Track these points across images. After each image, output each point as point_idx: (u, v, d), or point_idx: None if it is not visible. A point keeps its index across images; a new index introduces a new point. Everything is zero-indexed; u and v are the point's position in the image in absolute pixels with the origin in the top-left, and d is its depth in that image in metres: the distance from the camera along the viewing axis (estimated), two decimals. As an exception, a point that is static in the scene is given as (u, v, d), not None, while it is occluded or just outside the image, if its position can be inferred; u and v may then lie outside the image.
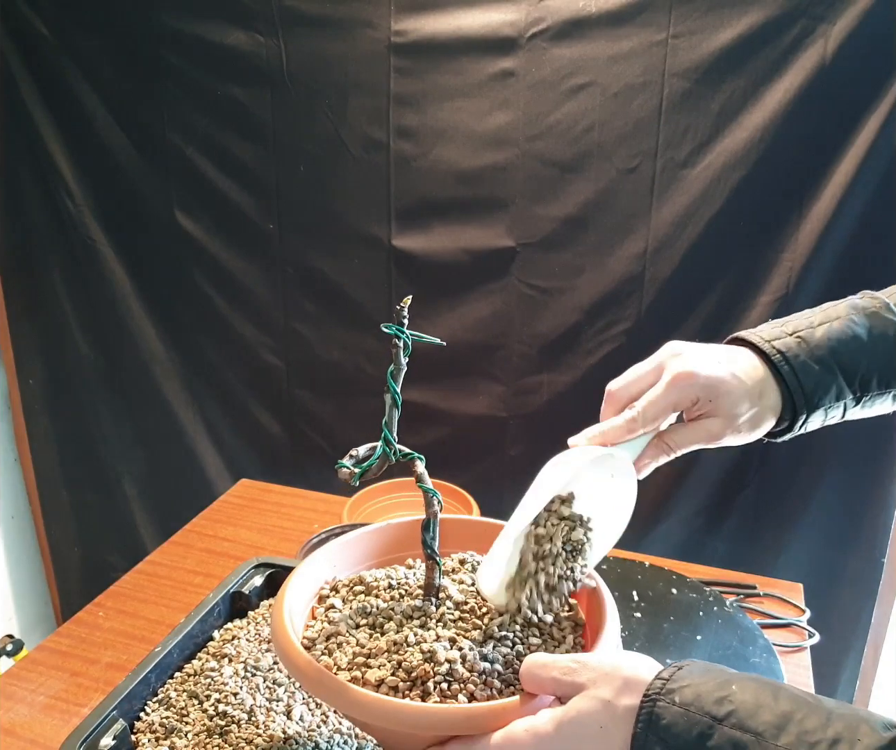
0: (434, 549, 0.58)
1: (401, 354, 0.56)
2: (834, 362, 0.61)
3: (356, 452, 0.56)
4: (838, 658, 1.46)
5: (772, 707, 0.41)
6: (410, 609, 0.57)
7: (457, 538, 0.68)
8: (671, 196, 1.37)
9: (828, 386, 0.61)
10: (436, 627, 0.55)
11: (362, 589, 0.61)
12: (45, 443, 1.84)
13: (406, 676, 0.50)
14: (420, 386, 1.59)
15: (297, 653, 0.51)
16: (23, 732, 0.83)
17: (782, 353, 0.61)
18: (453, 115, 1.43)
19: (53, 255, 1.71)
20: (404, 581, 0.62)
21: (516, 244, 1.47)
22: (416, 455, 0.58)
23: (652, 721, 0.42)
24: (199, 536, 1.25)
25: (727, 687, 0.43)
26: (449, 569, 0.64)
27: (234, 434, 1.78)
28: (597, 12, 1.31)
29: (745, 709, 0.41)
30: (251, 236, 1.62)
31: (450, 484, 1.30)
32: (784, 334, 0.62)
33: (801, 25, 1.25)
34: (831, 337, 0.62)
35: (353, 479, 0.55)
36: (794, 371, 0.60)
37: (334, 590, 0.63)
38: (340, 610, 0.59)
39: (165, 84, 1.57)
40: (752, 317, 1.38)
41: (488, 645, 0.52)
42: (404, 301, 0.56)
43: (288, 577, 0.60)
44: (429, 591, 0.59)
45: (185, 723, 0.66)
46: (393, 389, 0.56)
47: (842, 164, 1.28)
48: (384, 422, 0.56)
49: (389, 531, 0.68)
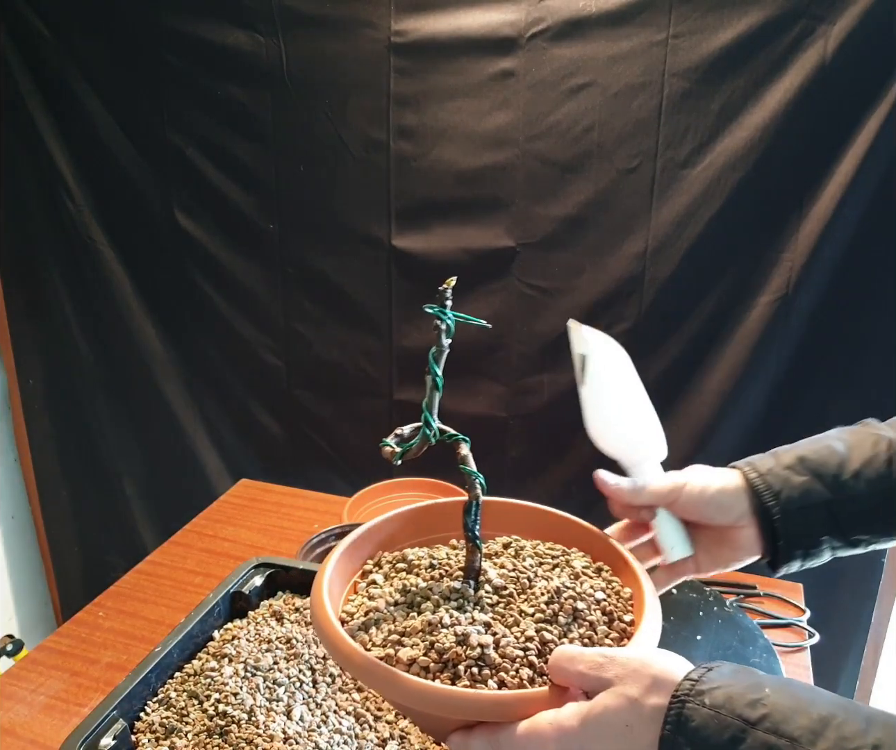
0: (475, 532, 0.58)
1: (443, 336, 0.55)
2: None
3: (401, 430, 0.57)
4: (838, 658, 1.46)
5: (808, 711, 0.40)
6: (449, 590, 0.57)
7: (502, 522, 0.67)
8: (671, 196, 1.37)
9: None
10: (472, 611, 0.54)
11: (404, 566, 0.61)
12: (45, 443, 1.84)
13: (438, 658, 0.50)
14: (420, 386, 1.58)
15: (332, 627, 0.51)
16: (23, 732, 0.84)
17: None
18: (453, 116, 1.43)
19: (53, 256, 1.72)
20: (446, 562, 0.61)
21: (516, 244, 1.47)
22: (461, 437, 0.57)
23: (681, 723, 0.41)
24: (199, 536, 1.25)
25: (760, 689, 0.41)
26: (492, 552, 0.63)
27: (234, 434, 1.78)
28: (597, 12, 1.31)
29: (779, 712, 0.40)
30: (251, 236, 1.62)
31: (450, 484, 1.30)
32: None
33: (801, 25, 1.25)
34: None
35: (394, 457, 0.55)
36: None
37: (377, 566, 0.63)
38: (381, 586, 0.59)
39: (166, 84, 1.57)
40: (752, 317, 1.38)
41: (525, 632, 0.52)
42: (447, 282, 0.54)
43: (333, 548, 0.60)
44: (469, 573, 0.58)
45: (185, 723, 0.66)
46: (434, 371, 0.56)
47: (842, 164, 1.28)
48: (424, 403, 0.56)
49: (436, 510, 0.68)
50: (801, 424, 1.39)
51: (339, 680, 0.73)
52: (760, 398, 1.42)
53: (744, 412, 1.42)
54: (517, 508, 0.68)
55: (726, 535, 0.62)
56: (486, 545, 0.63)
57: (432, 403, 0.56)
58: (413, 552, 0.63)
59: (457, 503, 0.60)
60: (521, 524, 0.67)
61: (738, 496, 0.60)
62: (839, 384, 1.37)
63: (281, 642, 0.75)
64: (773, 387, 1.41)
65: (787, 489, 0.59)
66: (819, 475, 0.59)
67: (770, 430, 1.43)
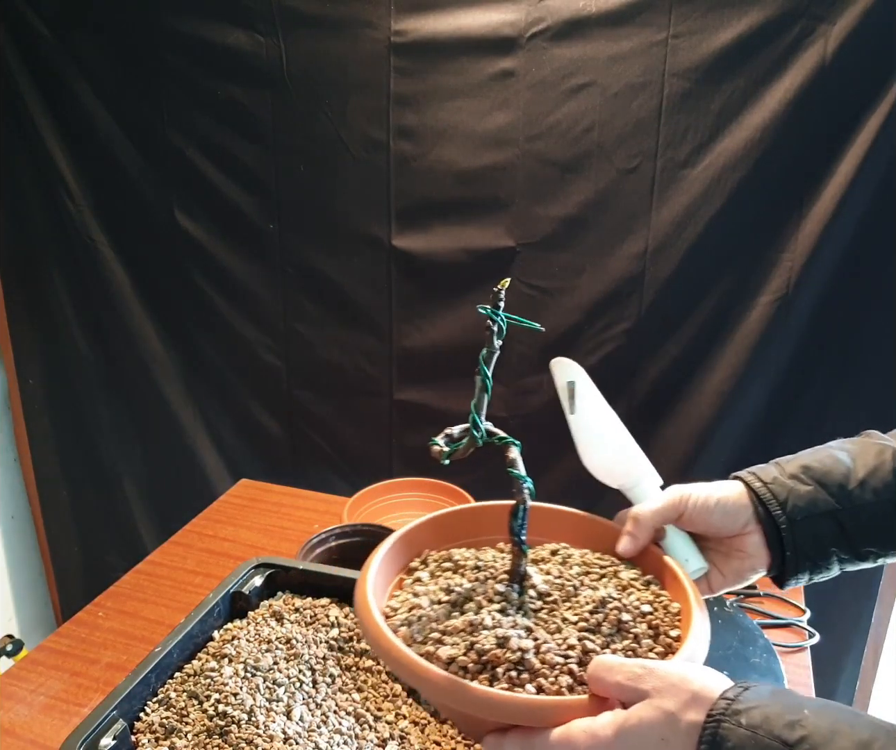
0: (521, 536, 0.57)
1: (494, 338, 0.55)
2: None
3: (451, 430, 0.56)
4: (838, 658, 1.46)
5: (849, 734, 0.39)
6: (492, 593, 0.57)
7: (551, 528, 0.67)
8: (671, 196, 1.37)
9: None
10: (515, 615, 0.54)
11: (450, 566, 0.61)
12: (45, 443, 1.84)
13: (477, 659, 0.50)
14: (420, 386, 1.59)
15: (375, 621, 0.52)
16: (23, 733, 0.84)
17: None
18: (453, 116, 1.43)
19: (53, 256, 1.72)
20: (491, 564, 0.61)
21: (516, 244, 1.47)
22: (511, 440, 0.57)
23: (716, 742, 0.41)
24: (199, 537, 1.25)
25: (798, 711, 0.41)
26: (538, 558, 0.63)
27: (234, 434, 1.78)
28: (597, 12, 1.31)
29: (819, 734, 0.39)
30: (251, 236, 1.62)
31: (450, 484, 1.30)
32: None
33: (800, 26, 1.25)
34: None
35: (442, 457, 0.55)
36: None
37: (424, 563, 0.63)
38: (426, 584, 0.60)
39: (165, 84, 1.57)
40: (752, 317, 1.38)
41: (567, 640, 0.52)
42: (501, 284, 0.54)
43: (379, 545, 0.61)
44: (513, 577, 0.58)
45: (185, 723, 0.66)
46: (484, 373, 0.55)
47: (842, 164, 1.28)
48: (473, 404, 0.55)
49: (484, 512, 0.68)
50: (801, 423, 1.40)
51: (339, 680, 0.73)
52: (760, 398, 1.42)
53: (744, 412, 1.43)
54: (566, 516, 0.68)
55: (734, 544, 0.61)
56: (534, 550, 0.63)
57: (480, 405, 0.55)
58: (459, 552, 0.63)
59: (505, 506, 0.60)
60: (571, 532, 0.67)
61: (743, 505, 0.60)
62: (839, 384, 1.37)
63: (281, 643, 0.75)
64: (772, 387, 1.41)
65: (793, 498, 0.58)
66: (824, 484, 0.58)
67: (770, 429, 1.43)
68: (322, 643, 0.76)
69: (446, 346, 1.55)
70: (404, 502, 1.31)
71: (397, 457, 1.66)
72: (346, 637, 0.77)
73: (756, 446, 1.44)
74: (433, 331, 1.55)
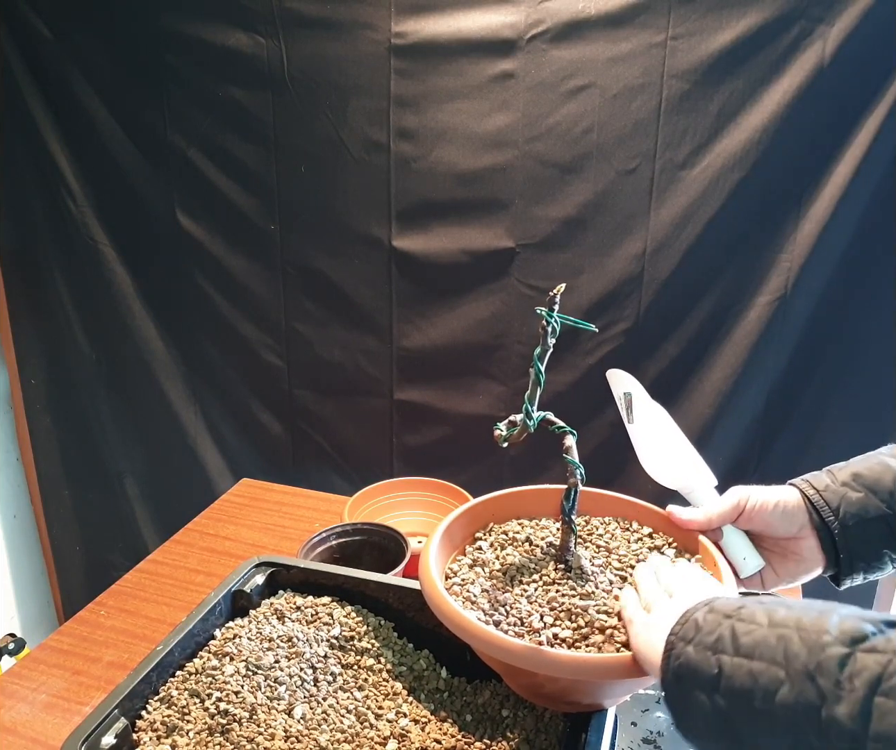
0: (571, 516, 0.65)
1: (548, 337, 0.60)
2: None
3: (514, 417, 0.65)
4: (837, 657, 1.46)
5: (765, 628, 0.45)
6: (543, 565, 0.65)
7: (598, 510, 0.75)
8: (670, 197, 1.37)
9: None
10: (563, 585, 0.62)
11: (507, 539, 0.70)
12: (46, 442, 1.85)
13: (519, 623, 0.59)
14: (420, 386, 1.59)
15: (434, 583, 0.61)
16: (24, 731, 0.84)
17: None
18: (453, 117, 1.44)
19: (55, 256, 1.72)
20: (544, 538, 0.70)
21: (516, 245, 1.47)
22: (568, 429, 0.64)
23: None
24: (200, 535, 1.25)
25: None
26: (585, 534, 0.71)
27: (235, 434, 1.79)
28: (596, 14, 1.32)
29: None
30: (252, 237, 1.63)
31: (450, 484, 1.30)
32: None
33: (799, 27, 1.25)
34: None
35: (500, 440, 0.65)
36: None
37: (488, 533, 0.72)
38: (485, 552, 0.68)
39: (167, 85, 1.57)
40: (751, 317, 1.39)
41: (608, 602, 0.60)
42: (557, 289, 0.59)
43: (448, 515, 0.71)
44: (563, 552, 0.65)
45: (187, 721, 0.67)
46: (537, 369, 0.61)
47: (840, 164, 1.28)
48: (527, 396, 0.63)
49: (546, 494, 0.75)
50: (800, 423, 1.41)
51: (340, 679, 0.73)
52: (759, 398, 1.42)
53: (742, 412, 1.43)
54: (613, 500, 0.75)
55: (790, 546, 0.65)
56: (581, 528, 0.71)
57: (533, 396, 0.63)
58: (517, 527, 0.72)
59: (559, 489, 0.68)
60: (616, 514, 0.75)
61: (801, 510, 0.64)
62: (837, 384, 1.38)
63: (282, 641, 0.76)
64: (771, 386, 1.41)
65: (845, 505, 0.62)
66: (874, 491, 0.62)
67: (768, 429, 1.43)
68: (323, 642, 0.76)
69: (446, 346, 1.55)
70: (405, 501, 1.31)
71: (398, 456, 1.66)
72: (348, 636, 0.78)
73: (754, 445, 1.45)
74: (433, 331, 1.56)
